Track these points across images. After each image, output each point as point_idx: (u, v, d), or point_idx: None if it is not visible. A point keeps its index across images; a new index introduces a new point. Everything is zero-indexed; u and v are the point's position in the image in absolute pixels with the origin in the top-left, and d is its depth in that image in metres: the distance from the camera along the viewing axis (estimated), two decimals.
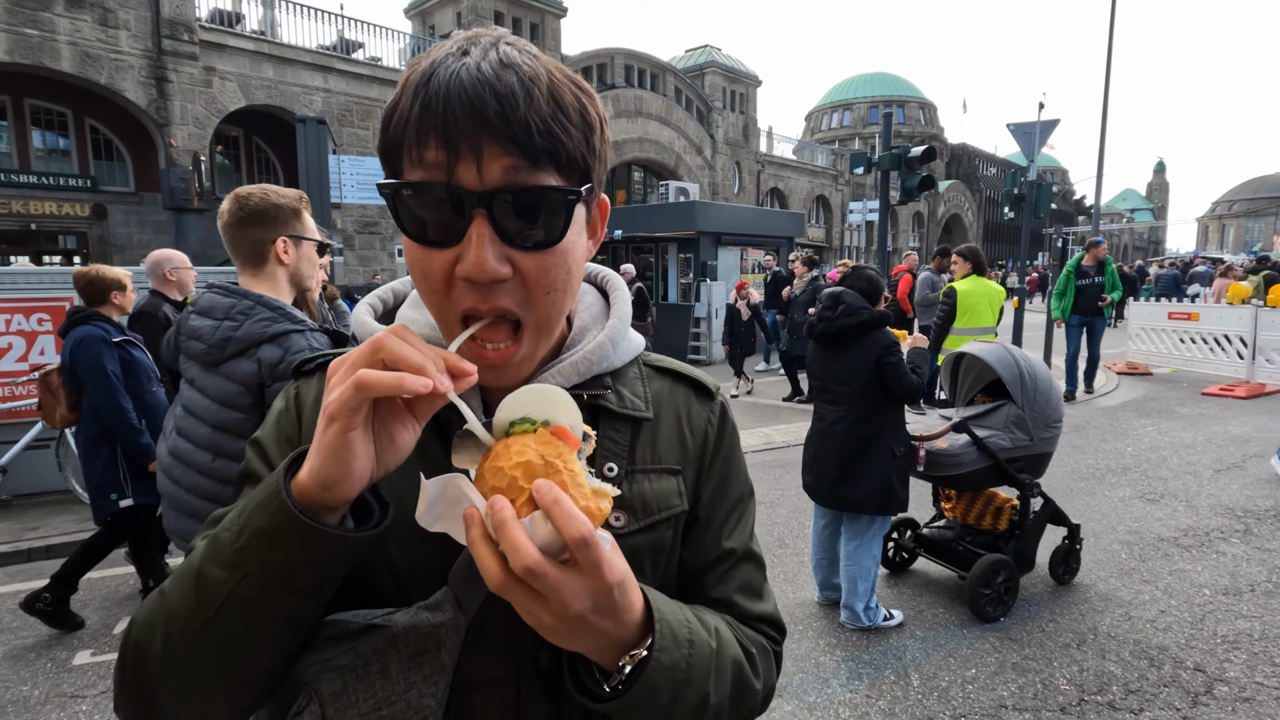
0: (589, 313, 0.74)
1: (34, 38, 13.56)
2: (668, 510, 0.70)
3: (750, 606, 0.73)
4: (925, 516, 4.16)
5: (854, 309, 3.19)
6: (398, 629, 0.58)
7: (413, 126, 0.53)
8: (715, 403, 0.78)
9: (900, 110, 49.19)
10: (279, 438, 0.69)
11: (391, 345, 0.48)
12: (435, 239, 0.55)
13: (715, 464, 0.75)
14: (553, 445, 0.50)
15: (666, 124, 27.11)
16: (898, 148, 8.77)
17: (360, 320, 0.71)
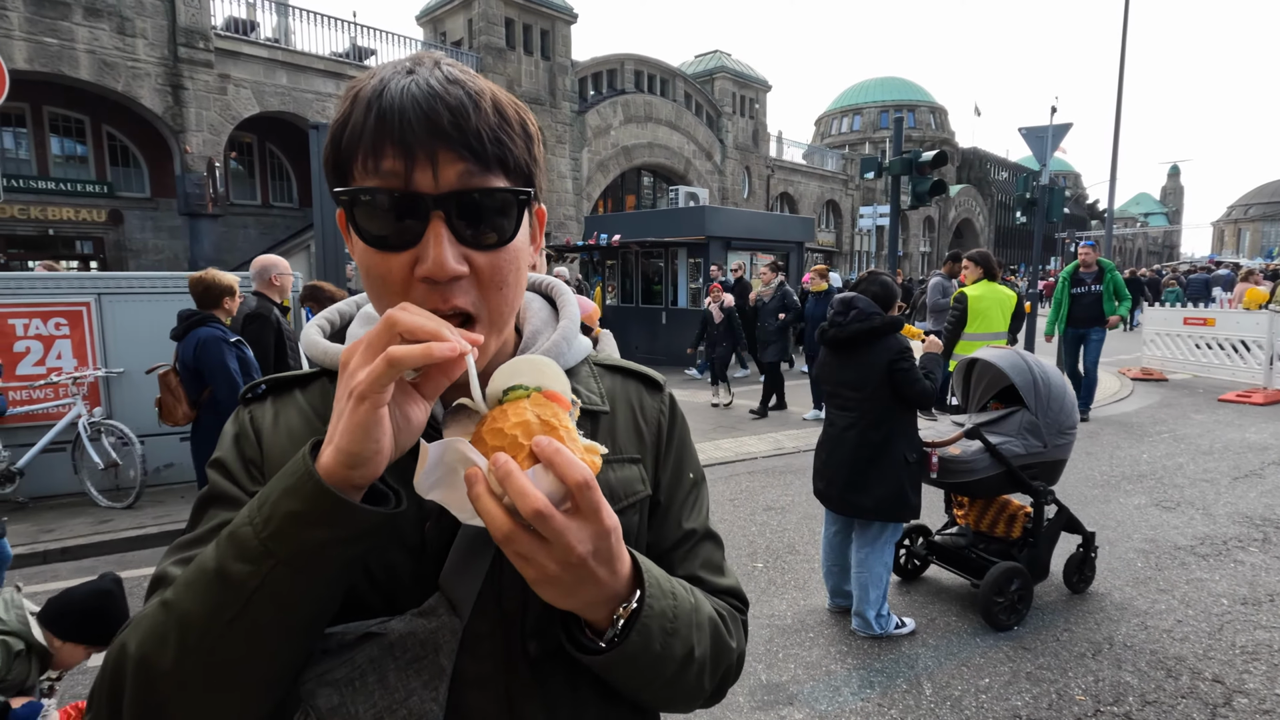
0: (538, 318, 0.77)
1: (53, 46, 13.78)
2: (633, 496, 0.73)
3: (715, 581, 0.78)
4: (937, 523, 4.13)
5: (866, 314, 3.18)
6: (394, 636, 0.59)
7: (368, 137, 0.56)
8: (664, 394, 0.82)
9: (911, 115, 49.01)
10: (241, 459, 0.68)
11: (406, 319, 0.50)
12: (393, 243, 0.57)
13: (670, 451, 0.79)
14: (547, 406, 0.53)
15: (676, 129, 27.15)
16: (909, 152, 8.74)
17: (311, 340, 0.72)
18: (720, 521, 4.90)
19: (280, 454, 0.67)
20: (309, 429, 0.68)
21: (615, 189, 26.78)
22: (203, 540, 0.65)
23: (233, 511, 0.65)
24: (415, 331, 0.49)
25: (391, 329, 0.50)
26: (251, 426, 0.70)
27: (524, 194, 0.60)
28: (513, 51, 21.56)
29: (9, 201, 15.61)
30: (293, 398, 0.72)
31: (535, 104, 21.98)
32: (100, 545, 4.49)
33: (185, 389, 3.66)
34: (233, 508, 0.66)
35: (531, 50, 22.19)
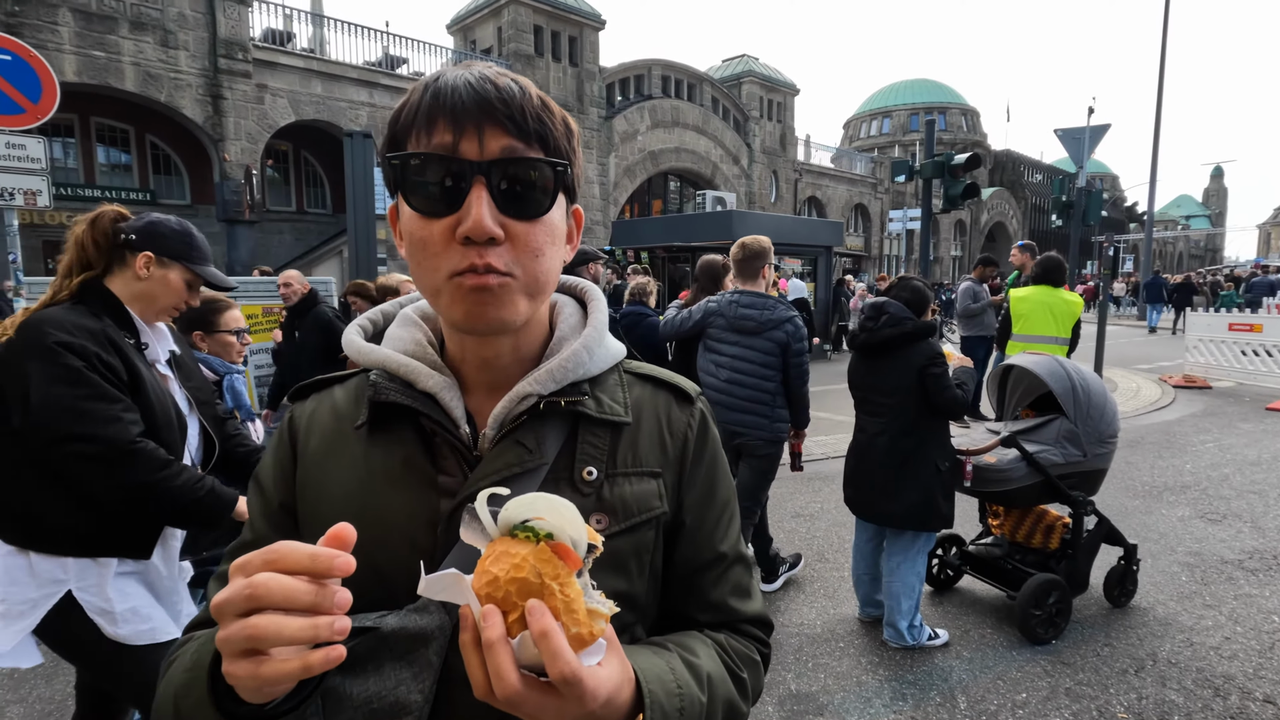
0: (567, 323, 0.76)
1: (100, 59, 14.28)
2: (648, 512, 0.72)
3: (742, 608, 0.77)
4: (971, 533, 4.04)
5: (898, 319, 3.13)
6: (387, 629, 0.61)
7: (423, 113, 0.61)
8: (695, 407, 0.80)
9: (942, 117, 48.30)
10: (276, 465, 0.74)
11: (273, 632, 0.45)
12: (438, 208, 0.61)
13: (698, 468, 0.77)
14: (551, 564, 0.50)
15: (703, 133, 27.13)
16: (941, 155, 8.62)
17: (349, 340, 0.75)
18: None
19: (309, 450, 0.73)
20: (334, 423, 0.73)
21: (642, 194, 26.84)
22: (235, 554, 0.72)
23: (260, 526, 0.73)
24: (287, 640, 0.45)
25: (247, 642, 0.45)
26: (289, 428, 0.76)
27: (560, 165, 0.63)
28: (541, 58, 21.76)
29: (58, 209, 16.17)
30: (330, 394, 0.77)
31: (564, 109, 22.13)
32: None
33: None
34: (261, 518, 0.73)
35: (560, 57, 22.37)
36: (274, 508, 0.72)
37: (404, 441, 0.69)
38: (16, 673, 3.03)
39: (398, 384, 0.69)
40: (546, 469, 0.68)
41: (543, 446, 0.68)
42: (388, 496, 0.67)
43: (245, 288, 5.58)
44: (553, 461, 0.68)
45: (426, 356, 0.71)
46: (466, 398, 0.71)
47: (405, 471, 0.68)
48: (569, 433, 0.71)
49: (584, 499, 0.68)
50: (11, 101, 4.64)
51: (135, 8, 14.63)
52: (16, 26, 13.01)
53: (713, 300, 3.57)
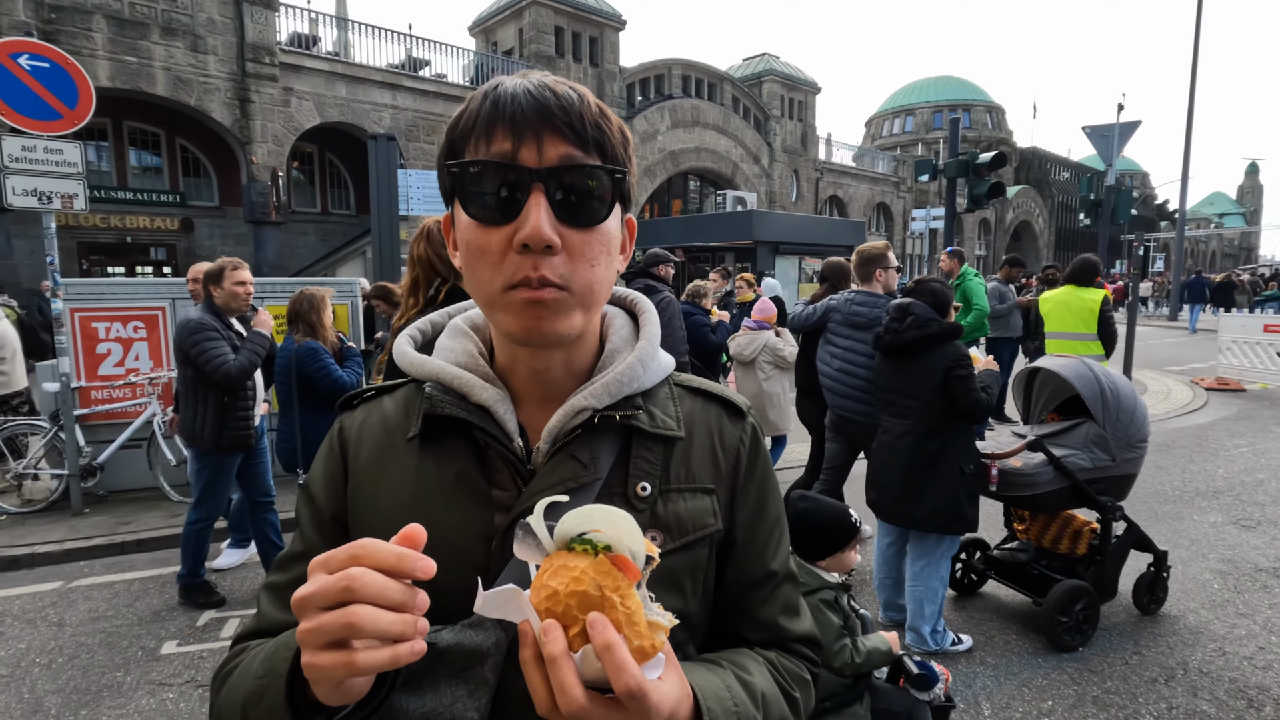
0: (619, 335, 0.75)
1: (133, 64, 14.60)
2: (703, 530, 0.71)
3: (792, 627, 0.76)
4: (995, 537, 3.99)
5: (923, 320, 3.10)
6: (443, 645, 0.61)
7: (483, 120, 0.61)
8: (746, 422, 0.78)
9: (966, 114, 47.64)
10: (327, 476, 0.74)
11: (369, 623, 0.46)
12: (496, 216, 0.61)
13: (750, 484, 0.76)
14: (611, 576, 0.49)
15: (723, 133, 27.05)
16: (966, 154, 8.50)
17: (401, 351, 0.75)
18: None
19: (360, 461, 0.73)
20: (385, 435, 0.73)
21: (662, 194, 26.83)
22: (285, 565, 0.73)
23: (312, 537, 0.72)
24: (380, 633, 0.46)
25: (344, 630, 0.46)
26: (339, 439, 0.76)
27: (619, 172, 0.63)
28: (561, 59, 21.83)
29: (92, 211, 16.58)
30: (379, 404, 0.77)
31: None
32: (173, 538, 4.70)
33: None
34: (312, 528, 0.73)
35: (580, 58, 22.44)
36: (325, 519, 0.72)
37: (457, 455, 0.69)
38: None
39: (452, 396, 0.69)
40: (601, 484, 0.67)
41: (597, 461, 0.67)
42: (441, 510, 0.66)
43: (273, 288, 5.66)
44: (607, 477, 0.68)
45: (478, 368, 0.71)
46: (518, 410, 0.70)
47: (458, 485, 0.67)
48: (622, 447, 0.70)
49: (638, 515, 0.66)
50: (49, 108, 4.76)
51: (166, 13, 14.94)
52: (53, 33, 13.34)
53: (834, 298, 3.98)
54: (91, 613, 3.74)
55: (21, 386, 6.02)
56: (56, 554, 4.45)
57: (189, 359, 3.54)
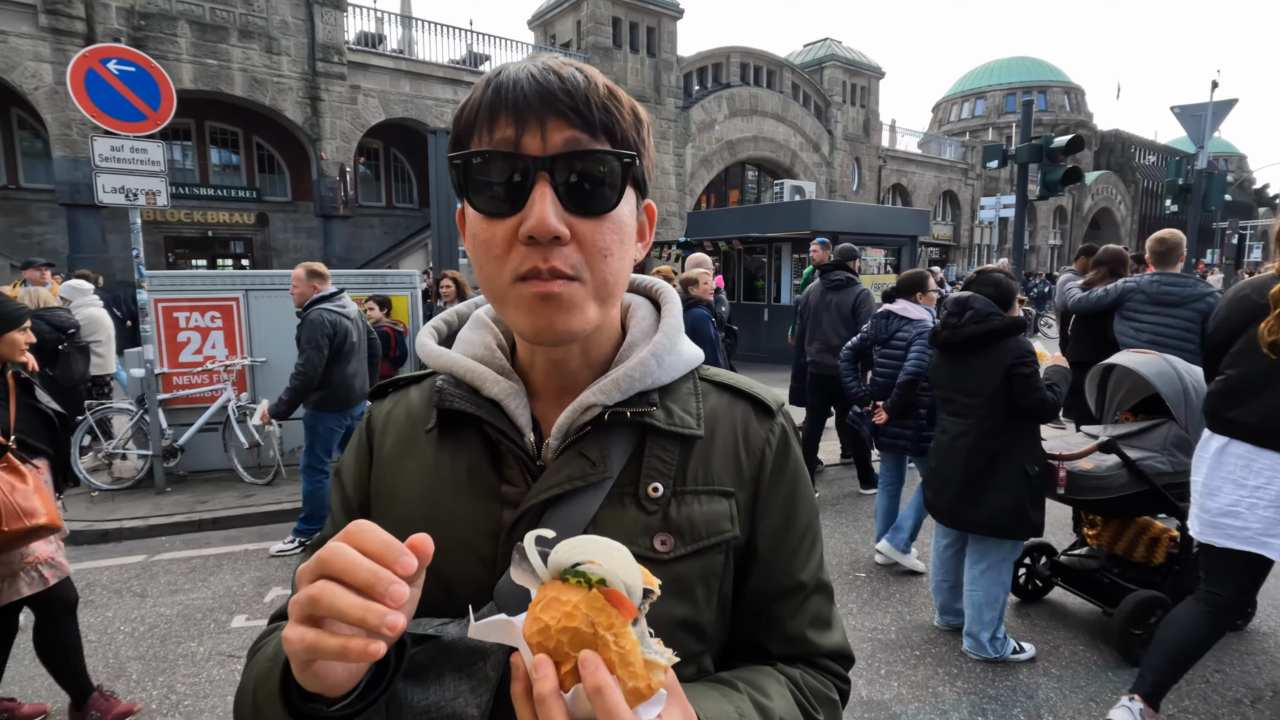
0: (639, 327, 0.72)
1: (213, 67, 15.37)
2: (717, 535, 0.67)
3: (821, 641, 0.72)
4: (1064, 541, 3.79)
5: (983, 314, 2.96)
6: (448, 639, 0.60)
7: (485, 109, 0.58)
8: (775, 422, 0.73)
9: (1042, 96, 45.22)
10: (355, 464, 0.75)
11: (328, 598, 0.45)
12: (501, 208, 0.58)
13: (777, 488, 0.71)
14: (604, 612, 0.47)
15: (782, 121, 26.52)
16: (1038, 138, 8.07)
17: (422, 344, 0.74)
18: (822, 527, 4.74)
19: (384, 451, 0.73)
20: (409, 426, 0.73)
21: (719, 184, 26.54)
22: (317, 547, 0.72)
23: (342, 521, 0.73)
24: (336, 615, 0.45)
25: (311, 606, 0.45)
26: (367, 427, 0.77)
27: (628, 157, 0.60)
28: (619, 50, 21.82)
29: (176, 207, 17.60)
30: (406, 395, 0.77)
31: (641, 101, 21.96)
32: (244, 517, 4.97)
33: None
34: (341, 514, 0.74)
35: (637, 48, 22.37)
36: (353, 507, 0.73)
37: (470, 448, 0.68)
38: None
39: (463, 389, 0.68)
40: (611, 483, 0.65)
41: (607, 459, 0.65)
42: (453, 504, 0.66)
43: (347, 280, 5.87)
44: (618, 476, 0.65)
45: (494, 361, 0.70)
46: (535, 404, 0.69)
47: (470, 479, 0.67)
48: (636, 445, 0.67)
49: (649, 517, 0.65)
50: (135, 109, 5.05)
51: (243, 17, 15.64)
52: (142, 39, 14.17)
53: (1131, 280, 4.22)
54: (170, 586, 3.98)
55: (114, 369, 6.46)
56: (141, 529, 4.76)
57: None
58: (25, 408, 2.65)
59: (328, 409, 4.37)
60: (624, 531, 0.64)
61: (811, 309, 5.43)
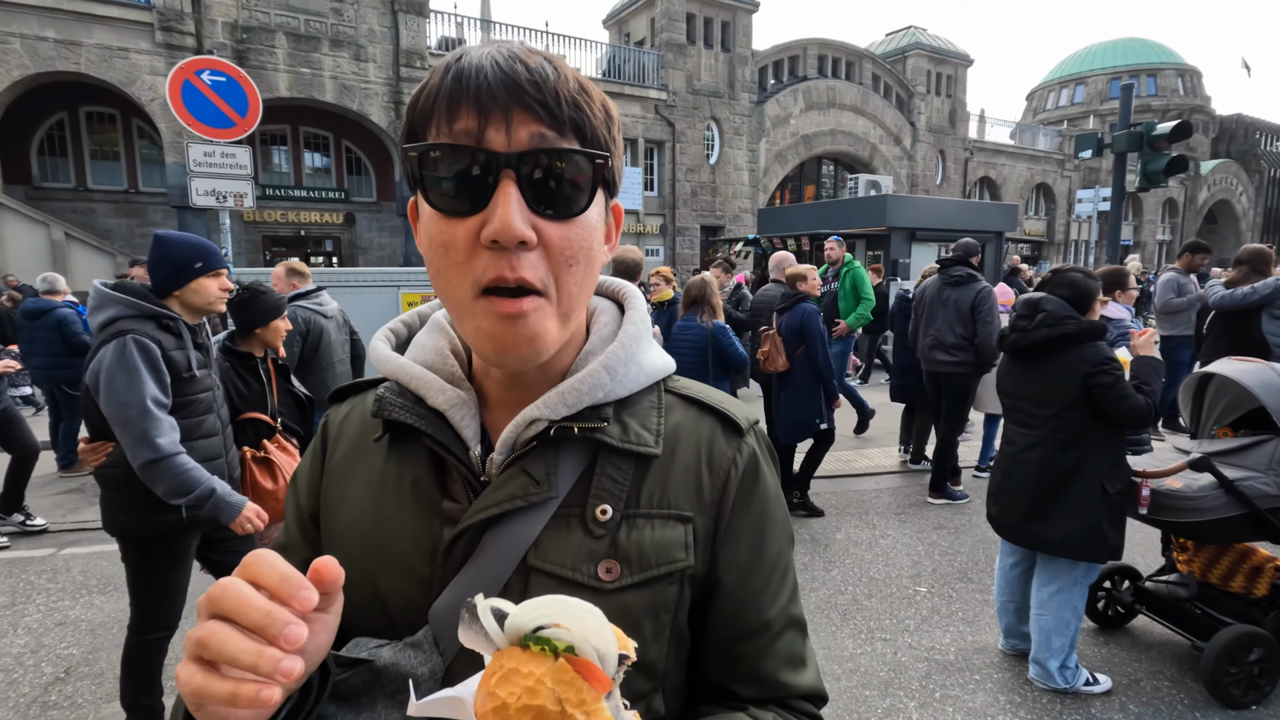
0: (599, 335, 0.67)
1: (307, 75, 16.27)
2: (669, 565, 0.61)
3: (795, 682, 0.66)
4: (1151, 565, 3.48)
5: (1056, 318, 2.74)
6: (380, 664, 0.57)
7: (444, 97, 0.54)
8: (743, 441, 0.67)
9: (1151, 80, 41.84)
10: (310, 472, 0.73)
11: (217, 642, 0.42)
12: (460, 207, 0.54)
13: (743, 515, 0.65)
14: (574, 687, 0.41)
15: (861, 114, 25.66)
16: (1139, 124, 7.45)
17: (374, 347, 0.70)
18: (883, 537, 4.56)
19: (335, 460, 0.71)
20: (361, 433, 0.71)
21: (793, 180, 25.97)
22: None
23: (294, 532, 0.72)
24: (226, 660, 0.42)
25: (199, 650, 0.42)
26: (322, 433, 0.75)
27: (600, 157, 0.56)
28: (693, 46, 21.67)
29: (272, 208, 18.75)
30: (363, 400, 0.74)
31: (714, 97, 21.96)
32: None
33: (784, 345, 4.73)
34: (294, 523, 0.73)
35: (711, 43, 22.16)
36: (304, 517, 0.71)
37: (416, 460, 0.65)
38: None
39: (407, 398, 0.65)
40: (557, 504, 0.61)
41: (553, 478, 0.61)
42: (394, 519, 0.63)
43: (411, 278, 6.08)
44: (565, 495, 0.61)
45: (444, 368, 0.66)
46: (488, 415, 0.65)
47: (413, 494, 0.63)
48: (588, 463, 0.63)
49: (595, 541, 0.60)
50: (225, 117, 5.39)
51: (334, 27, 16.48)
52: (244, 51, 15.16)
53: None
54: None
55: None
56: None
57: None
58: (282, 391, 2.94)
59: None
60: (567, 556, 0.60)
61: (926, 304, 5.28)
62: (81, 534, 4.77)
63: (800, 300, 4.77)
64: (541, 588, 0.58)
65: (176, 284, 2.32)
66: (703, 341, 4.39)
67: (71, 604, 3.73)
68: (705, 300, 4.45)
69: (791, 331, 4.71)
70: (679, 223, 21.95)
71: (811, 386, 4.73)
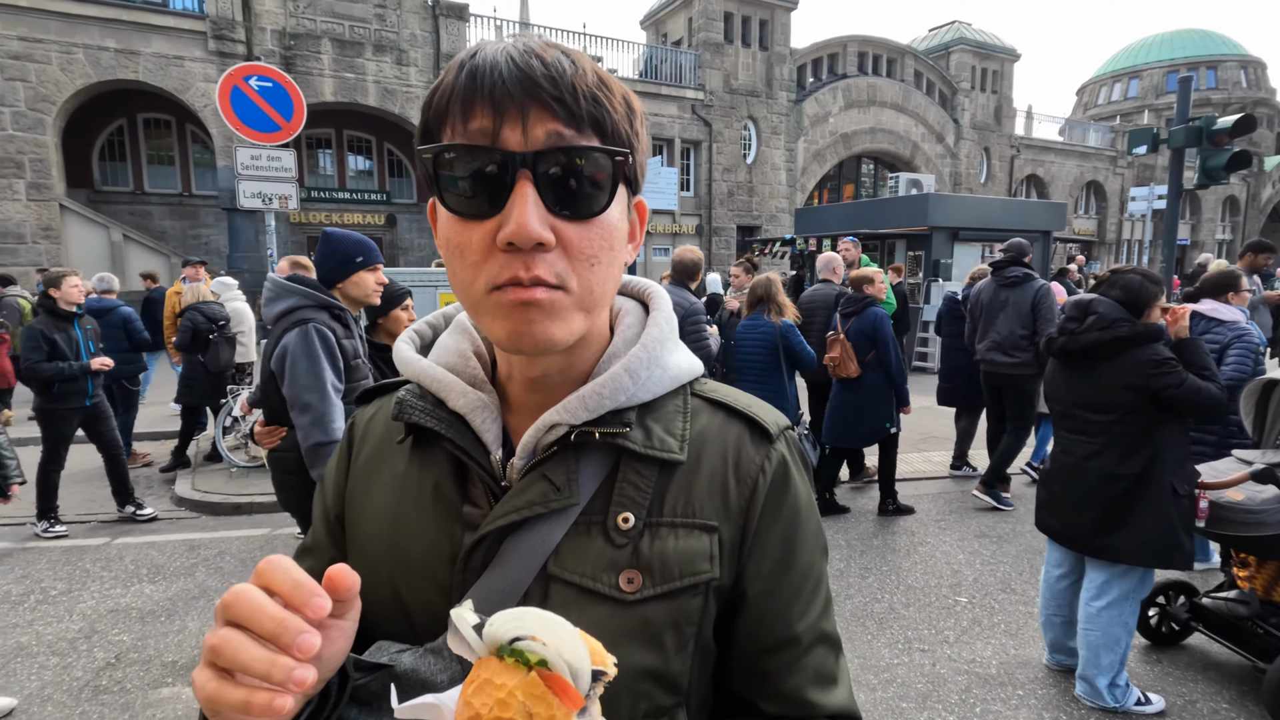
0: (623, 337, 0.65)
1: (350, 80, 16.66)
2: (693, 576, 0.59)
3: (821, 700, 0.62)
4: (1207, 581, 3.32)
5: (1108, 320, 2.62)
6: (401, 669, 0.56)
7: (458, 96, 0.52)
8: (772, 447, 0.64)
9: (1211, 73, 40.06)
10: (336, 473, 0.73)
11: (230, 649, 0.41)
12: (477, 209, 0.53)
13: (771, 525, 0.62)
14: (544, 702, 0.40)
15: (903, 111, 25.16)
16: (1198, 119, 7.13)
17: (398, 349, 0.69)
18: (922, 544, 4.44)
19: (360, 461, 0.71)
20: (386, 435, 0.70)
21: (832, 179, 25.61)
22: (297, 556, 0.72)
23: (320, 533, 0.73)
24: (238, 668, 0.41)
25: (213, 657, 0.42)
26: (349, 435, 0.74)
27: (620, 154, 0.54)
28: (730, 45, 21.54)
29: (317, 209, 19.25)
30: (389, 401, 0.74)
31: (751, 96, 21.79)
32: None
33: (855, 350, 4.71)
34: (321, 524, 0.73)
35: (749, 42, 21.99)
36: (331, 517, 0.71)
37: (437, 464, 0.64)
38: None
39: (428, 401, 0.63)
40: (578, 511, 0.59)
41: (574, 484, 0.59)
42: (416, 524, 0.62)
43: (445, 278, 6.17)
44: (586, 502, 0.59)
45: (467, 370, 0.65)
46: (510, 418, 0.64)
47: (435, 498, 0.62)
48: (611, 469, 0.61)
49: (617, 551, 0.58)
50: (272, 121, 5.54)
51: (377, 32, 16.84)
52: (291, 58, 15.61)
53: None
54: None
55: (254, 357, 7.14)
56: (268, 505, 5.21)
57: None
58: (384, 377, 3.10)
59: None
60: (588, 565, 0.58)
61: (983, 306, 5.22)
62: (133, 525, 4.96)
63: (869, 304, 4.75)
64: (561, 596, 0.57)
65: (340, 276, 2.52)
66: (770, 339, 4.40)
67: (123, 592, 3.88)
68: (771, 299, 4.46)
69: (862, 336, 4.71)
70: (715, 223, 21.84)
71: (883, 391, 4.73)
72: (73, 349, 4.68)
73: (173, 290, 7.12)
